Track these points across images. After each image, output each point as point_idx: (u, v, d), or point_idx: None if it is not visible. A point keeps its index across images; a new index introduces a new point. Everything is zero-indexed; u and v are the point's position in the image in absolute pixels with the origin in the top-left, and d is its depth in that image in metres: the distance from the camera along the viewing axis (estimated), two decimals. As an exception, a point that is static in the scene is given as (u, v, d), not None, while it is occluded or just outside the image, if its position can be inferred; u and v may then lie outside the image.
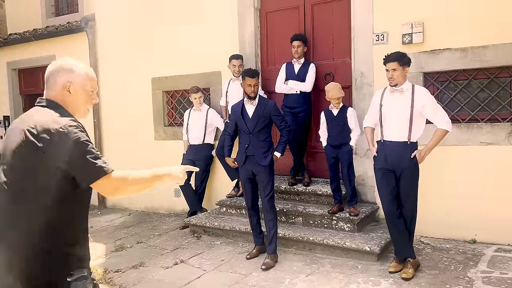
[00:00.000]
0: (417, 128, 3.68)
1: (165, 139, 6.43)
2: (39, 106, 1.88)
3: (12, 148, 1.76)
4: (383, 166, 3.75)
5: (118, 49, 6.76)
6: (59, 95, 1.89)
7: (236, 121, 4.31)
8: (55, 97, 1.89)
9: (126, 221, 6.17)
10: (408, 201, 3.73)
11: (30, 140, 1.71)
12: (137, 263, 4.34)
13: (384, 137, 3.77)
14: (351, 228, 4.42)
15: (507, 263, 3.81)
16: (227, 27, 5.67)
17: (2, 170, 1.77)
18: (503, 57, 4.11)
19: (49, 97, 1.89)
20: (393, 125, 3.70)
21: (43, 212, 1.72)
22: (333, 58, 5.14)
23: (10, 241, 1.71)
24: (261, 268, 3.98)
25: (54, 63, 1.94)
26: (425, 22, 4.41)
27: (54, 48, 7.44)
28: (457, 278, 3.57)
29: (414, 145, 3.69)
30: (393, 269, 3.76)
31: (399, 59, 3.62)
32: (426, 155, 3.64)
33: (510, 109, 4.22)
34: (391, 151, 3.70)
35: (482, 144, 4.25)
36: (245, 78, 4.20)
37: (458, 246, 4.28)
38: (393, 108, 3.70)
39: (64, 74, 1.90)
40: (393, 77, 3.64)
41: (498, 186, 4.21)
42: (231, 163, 4.50)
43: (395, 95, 3.71)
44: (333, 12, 5.09)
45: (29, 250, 1.70)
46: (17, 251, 1.70)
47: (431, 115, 3.64)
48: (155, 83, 6.46)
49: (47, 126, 1.73)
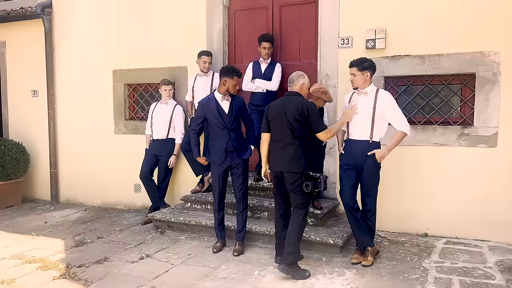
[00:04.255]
0: (379, 128, 3.92)
1: (125, 133, 6.30)
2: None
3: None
4: (347, 162, 3.99)
5: (77, 38, 6.53)
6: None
7: (209, 117, 4.29)
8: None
9: (82, 216, 5.96)
10: (369, 195, 3.97)
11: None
12: (101, 258, 4.24)
13: (350, 135, 4.01)
14: (315, 222, 4.60)
15: (456, 254, 4.16)
16: (195, 23, 5.68)
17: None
18: (456, 65, 4.49)
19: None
20: (358, 125, 3.95)
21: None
22: (300, 59, 5.31)
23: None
24: (233, 254, 4.24)
25: None
26: (387, 29, 4.70)
27: (5, 35, 7.05)
28: (414, 268, 3.86)
29: (376, 144, 3.93)
30: (355, 260, 3.99)
31: (358, 64, 3.91)
32: (385, 154, 3.88)
33: (460, 114, 4.61)
34: (355, 149, 3.95)
35: (435, 145, 4.61)
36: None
37: (412, 239, 4.60)
38: (358, 109, 3.94)
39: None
40: (353, 81, 3.98)
41: (448, 184, 4.58)
42: (204, 161, 4.51)
43: (360, 97, 3.98)
44: (301, 15, 5.27)
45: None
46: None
47: (390, 118, 3.89)
48: (116, 75, 6.30)
49: None
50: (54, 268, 4.00)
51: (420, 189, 4.68)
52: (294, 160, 3.70)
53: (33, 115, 6.93)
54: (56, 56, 6.67)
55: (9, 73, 7.12)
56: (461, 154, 4.51)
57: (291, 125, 3.68)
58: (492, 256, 4.07)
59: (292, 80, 3.84)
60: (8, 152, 6.34)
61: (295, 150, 3.69)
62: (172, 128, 5.58)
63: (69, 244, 4.70)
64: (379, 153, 3.87)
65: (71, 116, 6.66)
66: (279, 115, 3.73)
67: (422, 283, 3.53)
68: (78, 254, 4.39)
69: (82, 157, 6.60)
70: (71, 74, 6.60)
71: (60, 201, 6.80)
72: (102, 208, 6.37)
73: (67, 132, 6.70)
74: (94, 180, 6.51)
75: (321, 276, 3.71)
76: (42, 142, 6.82)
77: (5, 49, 7.09)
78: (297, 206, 3.78)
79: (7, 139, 6.70)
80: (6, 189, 6.45)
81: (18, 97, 7.06)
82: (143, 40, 6.04)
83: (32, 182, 7.06)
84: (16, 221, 5.76)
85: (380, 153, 3.87)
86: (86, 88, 6.50)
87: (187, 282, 3.63)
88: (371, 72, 3.95)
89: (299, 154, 3.70)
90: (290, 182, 3.73)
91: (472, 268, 3.81)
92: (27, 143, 6.84)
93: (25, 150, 6.69)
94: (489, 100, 4.39)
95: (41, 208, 6.49)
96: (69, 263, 4.12)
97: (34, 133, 6.94)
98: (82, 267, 4.03)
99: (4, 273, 3.90)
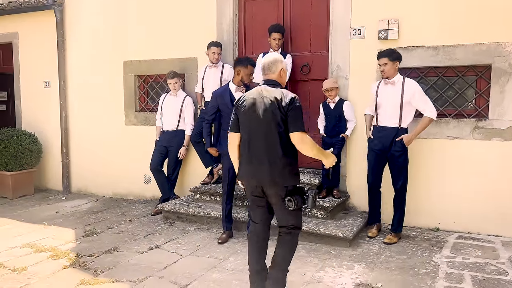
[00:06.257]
0: (407, 115, 4.19)
1: (136, 124, 6.31)
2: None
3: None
4: (376, 147, 4.31)
5: (88, 29, 6.54)
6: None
7: (223, 108, 4.28)
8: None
9: (93, 206, 6.02)
10: (399, 178, 4.27)
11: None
12: (110, 248, 4.27)
13: (379, 123, 4.30)
14: (324, 215, 4.56)
15: (468, 249, 4.09)
16: (205, 14, 5.64)
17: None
18: (471, 56, 4.38)
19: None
20: (387, 112, 4.23)
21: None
22: (311, 50, 5.24)
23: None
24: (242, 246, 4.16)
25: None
26: (401, 19, 4.60)
27: (17, 26, 7.09)
28: (424, 263, 3.80)
29: (405, 130, 4.21)
30: (371, 234, 4.43)
31: (389, 55, 4.14)
32: (413, 138, 4.18)
33: (475, 106, 4.50)
34: (384, 135, 4.24)
35: (449, 138, 4.51)
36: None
37: (423, 234, 4.54)
38: (386, 98, 4.21)
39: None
40: (384, 71, 4.18)
41: (461, 177, 4.49)
42: (214, 152, 4.52)
43: (388, 87, 4.24)
44: (312, 5, 5.18)
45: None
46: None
47: (418, 104, 4.13)
48: (127, 66, 6.31)
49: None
50: (64, 257, 4.04)
51: (432, 183, 4.60)
52: (278, 169, 2.84)
53: (45, 105, 6.98)
54: (68, 47, 6.70)
55: (21, 63, 7.18)
56: (475, 147, 4.41)
57: (269, 122, 2.83)
58: (505, 252, 3.99)
59: (267, 66, 2.99)
60: (21, 143, 6.41)
61: (277, 155, 2.84)
62: (182, 120, 5.57)
63: (79, 234, 4.75)
64: (407, 138, 4.16)
65: (82, 107, 6.70)
66: (252, 110, 2.89)
67: (433, 278, 3.48)
68: (88, 244, 4.43)
69: (93, 148, 6.64)
70: (83, 65, 6.62)
71: (72, 191, 6.87)
72: (113, 199, 6.42)
73: (79, 123, 6.75)
74: (105, 171, 6.56)
75: (330, 269, 3.68)
76: (54, 133, 6.88)
77: (18, 40, 7.14)
78: (289, 226, 2.97)
79: (20, 130, 6.77)
80: (19, 179, 6.54)
81: (31, 87, 7.13)
82: (153, 31, 6.02)
83: (44, 172, 7.14)
84: (28, 211, 5.84)
85: (408, 137, 4.16)
86: (97, 79, 6.52)
87: (195, 273, 3.63)
88: (399, 62, 4.20)
89: (283, 160, 2.84)
90: (274, 196, 2.91)
91: (484, 263, 3.74)
92: (39, 133, 6.91)
93: (37, 140, 6.76)
94: (505, 92, 4.28)
95: (53, 198, 6.57)
96: (79, 252, 4.16)
97: (46, 123, 7.00)
98: (92, 256, 4.06)
99: (16, 261, 3.95)
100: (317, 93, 5.15)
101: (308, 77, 5.23)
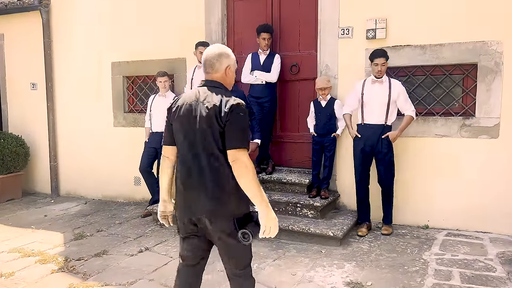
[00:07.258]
0: (392, 113, 4.36)
1: (125, 126, 6.26)
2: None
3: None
4: (363, 145, 4.41)
5: (75, 30, 6.47)
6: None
7: None
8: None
9: (82, 209, 5.95)
10: (387, 173, 4.40)
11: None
12: (99, 251, 4.23)
13: (365, 120, 4.41)
14: (315, 215, 4.57)
15: (456, 246, 4.13)
16: (194, 14, 5.61)
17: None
18: (458, 55, 4.42)
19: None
20: (373, 110, 4.35)
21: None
22: (299, 50, 5.24)
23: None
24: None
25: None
26: (388, 18, 4.63)
27: (2, 27, 6.99)
28: (414, 260, 3.83)
29: (389, 127, 4.38)
30: (360, 233, 4.45)
31: (385, 55, 4.31)
32: (398, 135, 4.34)
33: (462, 104, 4.55)
34: (371, 132, 4.36)
35: (437, 136, 4.55)
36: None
37: (413, 231, 4.57)
38: (374, 96, 4.33)
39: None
40: (381, 71, 4.30)
41: (449, 175, 4.53)
42: None
43: (375, 85, 4.37)
44: (301, 5, 5.19)
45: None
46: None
47: (401, 104, 4.33)
48: (115, 67, 6.25)
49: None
50: (52, 261, 3.99)
51: (421, 181, 4.63)
52: (221, 196, 2.19)
53: (32, 108, 6.90)
54: (55, 48, 6.62)
55: (7, 65, 7.08)
56: (463, 145, 4.46)
57: (207, 136, 2.16)
58: (493, 248, 4.04)
59: (209, 63, 2.28)
60: (7, 146, 6.32)
61: (219, 179, 2.18)
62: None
63: (68, 238, 4.70)
64: (392, 135, 4.32)
65: (70, 109, 6.63)
66: (187, 119, 2.23)
67: (422, 275, 3.50)
68: (77, 247, 4.38)
69: (82, 150, 6.58)
70: (70, 66, 6.55)
71: (61, 194, 6.79)
72: (102, 201, 6.36)
73: (67, 125, 6.67)
74: (94, 173, 6.49)
75: (320, 269, 3.69)
76: (42, 135, 6.80)
77: (3, 42, 7.04)
78: (241, 268, 2.33)
79: (6, 133, 6.68)
80: (6, 182, 6.44)
81: (17, 90, 7.03)
82: (141, 31, 5.98)
83: (32, 176, 7.05)
84: (16, 215, 5.76)
85: (393, 134, 4.32)
86: (85, 81, 6.46)
87: (186, 275, 3.61)
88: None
89: (227, 186, 2.18)
90: (218, 230, 2.24)
91: (472, 260, 3.78)
92: (26, 136, 6.82)
93: (24, 143, 6.67)
94: (491, 90, 4.32)
95: (41, 202, 6.49)
96: (68, 256, 4.11)
97: (33, 126, 6.91)
98: (81, 260, 4.02)
99: (3, 266, 3.90)
100: (307, 93, 5.17)
101: (297, 77, 5.23)
